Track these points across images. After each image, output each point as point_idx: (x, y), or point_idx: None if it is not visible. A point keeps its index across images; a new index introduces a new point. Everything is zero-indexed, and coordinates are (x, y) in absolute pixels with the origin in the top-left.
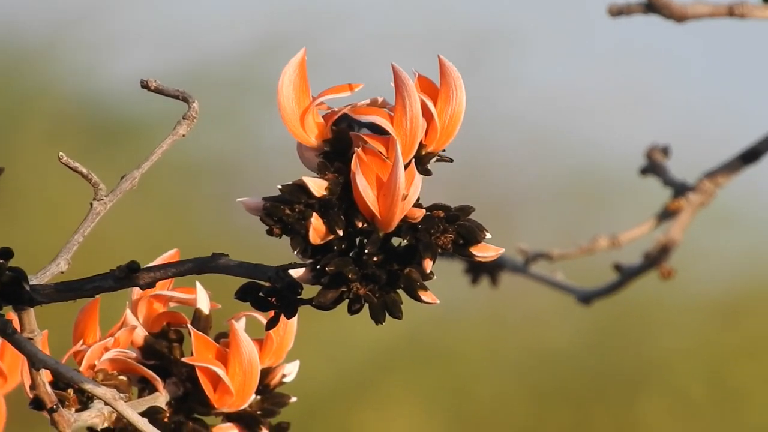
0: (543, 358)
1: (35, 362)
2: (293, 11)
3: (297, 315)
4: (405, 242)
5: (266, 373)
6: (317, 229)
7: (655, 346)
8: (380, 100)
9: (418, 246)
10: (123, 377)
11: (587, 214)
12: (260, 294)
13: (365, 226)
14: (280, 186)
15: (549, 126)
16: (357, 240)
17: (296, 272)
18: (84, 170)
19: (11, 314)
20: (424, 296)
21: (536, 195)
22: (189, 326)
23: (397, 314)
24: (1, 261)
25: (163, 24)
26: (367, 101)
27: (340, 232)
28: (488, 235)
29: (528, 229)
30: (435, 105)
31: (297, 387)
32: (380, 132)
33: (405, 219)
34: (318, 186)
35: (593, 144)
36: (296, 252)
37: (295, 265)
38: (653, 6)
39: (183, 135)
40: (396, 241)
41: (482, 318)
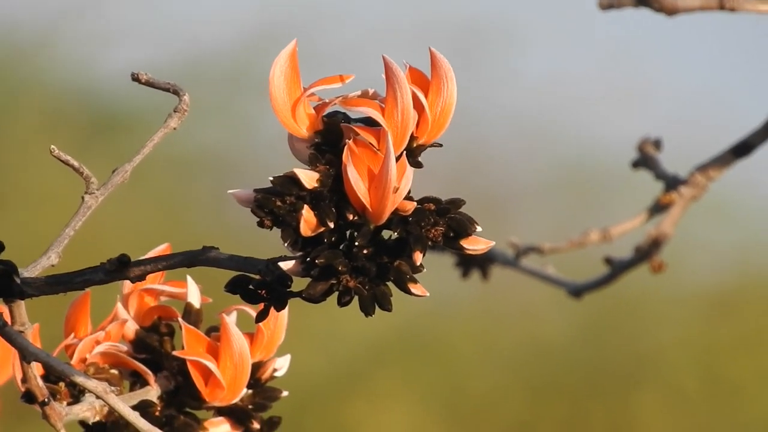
0: (536, 352)
1: (26, 355)
2: (288, 5)
3: (288, 309)
4: (395, 235)
5: (257, 367)
6: (308, 221)
7: (649, 339)
8: (371, 92)
9: (409, 239)
10: (114, 371)
11: (581, 208)
12: (250, 287)
13: (356, 219)
14: (272, 178)
15: (542, 120)
16: (348, 232)
17: (286, 265)
18: (75, 163)
19: (2, 307)
20: (414, 289)
21: (530, 188)
22: (180, 320)
23: (387, 307)
24: None
25: (158, 18)
26: (358, 93)
27: (331, 225)
28: (479, 228)
29: (522, 223)
30: (426, 97)
31: (289, 381)
32: (371, 124)
33: (396, 212)
34: (309, 178)
35: (586, 137)
36: (287, 244)
37: (285, 258)
38: None
39: (174, 128)
40: (386, 234)
41: (475, 311)
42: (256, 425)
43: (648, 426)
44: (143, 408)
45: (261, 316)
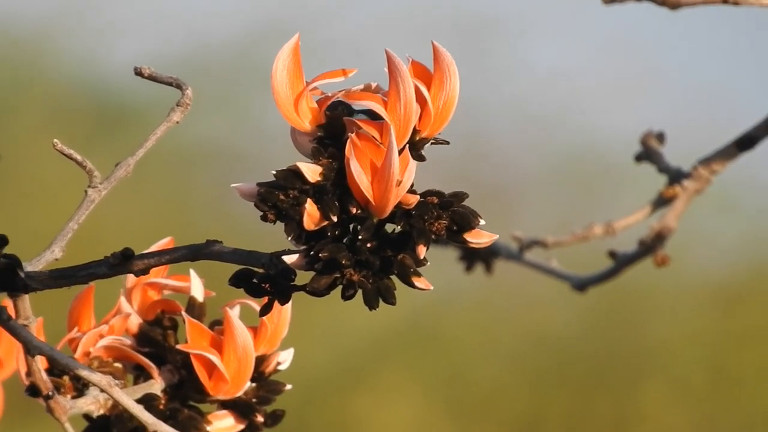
0: (540, 345)
1: (30, 349)
2: None
3: (292, 303)
4: (399, 228)
5: (261, 361)
6: (311, 215)
7: (654, 333)
8: (374, 86)
9: (412, 232)
10: (118, 364)
11: (584, 201)
12: (254, 280)
13: (359, 212)
14: (275, 171)
15: (546, 112)
16: (351, 226)
17: (290, 258)
18: (78, 157)
19: (6, 301)
20: (418, 282)
21: (533, 181)
22: (183, 314)
23: (391, 300)
24: None
25: (161, 11)
26: (361, 86)
27: (335, 218)
28: (482, 222)
29: (525, 216)
30: (429, 90)
31: (292, 375)
32: (374, 117)
33: (399, 205)
34: (312, 171)
35: (590, 130)
36: (290, 238)
37: (289, 252)
38: None
39: (177, 122)
40: (390, 228)
41: (478, 305)
42: (260, 418)
43: (653, 419)
44: (147, 401)
45: (265, 310)
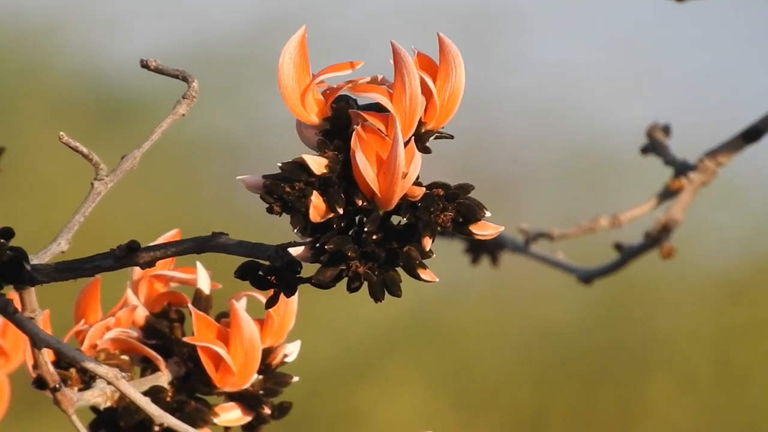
0: (546, 338)
1: (37, 341)
2: None
3: (298, 295)
4: (404, 220)
5: (268, 353)
6: (317, 207)
7: (659, 325)
8: (380, 78)
9: (418, 224)
10: (125, 357)
11: (590, 193)
12: (260, 273)
13: (365, 205)
14: (280, 164)
15: (551, 105)
16: (356, 218)
17: (296, 251)
18: (84, 150)
19: (12, 294)
20: (423, 274)
21: (539, 173)
22: (190, 306)
23: (396, 292)
24: (2, 240)
25: (167, 3)
26: (367, 79)
27: (340, 210)
28: (488, 214)
29: (531, 208)
30: (434, 82)
31: (299, 367)
32: (380, 110)
33: (405, 197)
34: (318, 164)
35: (595, 123)
36: (296, 230)
37: (295, 244)
38: None
39: (183, 114)
40: (396, 220)
41: (484, 297)
42: (267, 411)
43: (658, 412)
44: (154, 394)
45: (271, 302)
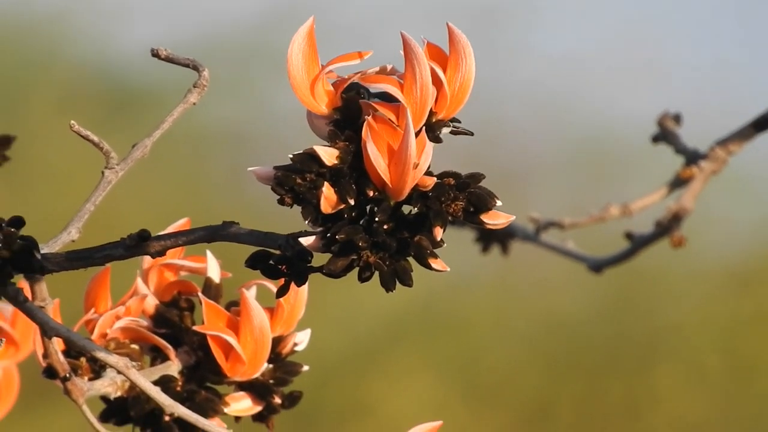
0: (555, 327)
1: (47, 330)
2: None
3: (308, 284)
4: (416, 210)
5: (278, 342)
6: (328, 198)
7: (669, 315)
8: (390, 68)
9: (429, 214)
10: (135, 346)
11: (600, 183)
12: (270, 262)
13: (376, 195)
14: (291, 155)
15: (560, 94)
16: (368, 208)
17: (306, 240)
18: (95, 138)
19: (22, 283)
20: (434, 264)
21: (548, 163)
22: (200, 295)
23: (408, 282)
24: (13, 229)
25: None
26: (377, 69)
27: (352, 201)
28: (499, 203)
29: (541, 198)
30: (445, 72)
31: (309, 356)
32: (390, 100)
33: (416, 187)
34: (329, 155)
35: (605, 112)
36: (307, 221)
37: (306, 233)
38: None
39: (194, 103)
40: (407, 209)
41: (494, 287)
42: (277, 400)
43: (666, 402)
44: (164, 383)
45: (281, 291)
